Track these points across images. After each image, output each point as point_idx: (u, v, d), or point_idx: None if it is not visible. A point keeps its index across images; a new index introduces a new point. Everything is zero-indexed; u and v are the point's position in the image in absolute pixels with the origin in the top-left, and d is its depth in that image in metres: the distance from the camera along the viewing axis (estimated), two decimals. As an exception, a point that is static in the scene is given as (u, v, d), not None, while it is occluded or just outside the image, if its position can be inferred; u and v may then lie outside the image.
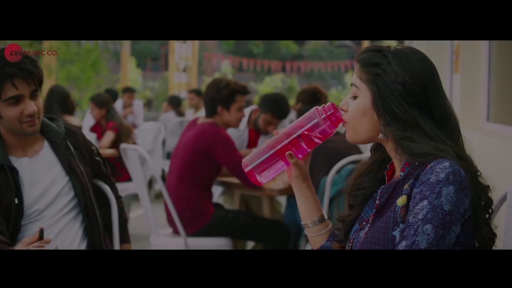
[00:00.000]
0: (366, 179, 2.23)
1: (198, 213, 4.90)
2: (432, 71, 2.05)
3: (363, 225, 2.14)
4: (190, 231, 4.87)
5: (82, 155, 3.16)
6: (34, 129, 2.95)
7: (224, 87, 4.98)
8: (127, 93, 12.70)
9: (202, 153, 4.87)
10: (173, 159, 5.12)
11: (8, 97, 2.85)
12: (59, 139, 3.08)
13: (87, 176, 3.13)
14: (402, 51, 2.06)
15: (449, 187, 1.90)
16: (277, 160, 2.22)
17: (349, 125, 2.13)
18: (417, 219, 1.91)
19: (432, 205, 1.90)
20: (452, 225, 1.91)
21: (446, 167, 1.92)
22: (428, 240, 1.88)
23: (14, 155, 3.01)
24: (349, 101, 2.13)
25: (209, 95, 5.00)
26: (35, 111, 2.90)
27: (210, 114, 5.02)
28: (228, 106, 4.99)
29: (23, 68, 2.84)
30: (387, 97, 2.01)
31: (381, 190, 2.11)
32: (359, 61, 2.10)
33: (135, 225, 7.78)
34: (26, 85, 2.87)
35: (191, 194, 4.91)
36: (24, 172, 2.99)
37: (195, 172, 4.91)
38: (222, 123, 5.01)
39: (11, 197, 2.90)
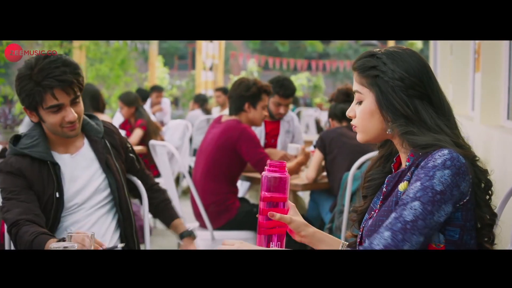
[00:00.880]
0: (376, 172, 2.40)
1: (224, 207, 5.06)
2: (424, 64, 2.24)
3: (372, 214, 2.31)
4: (216, 225, 5.04)
5: (118, 153, 3.30)
6: (75, 132, 3.11)
7: (252, 85, 5.16)
8: (155, 91, 12.91)
9: (227, 149, 5.03)
10: (198, 156, 5.28)
11: (49, 106, 2.99)
12: (98, 137, 3.23)
13: (122, 173, 3.27)
14: (393, 51, 2.25)
15: (444, 171, 2.07)
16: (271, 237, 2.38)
17: (359, 128, 2.30)
18: (408, 197, 2.10)
19: (423, 186, 2.08)
20: (443, 204, 2.07)
21: (444, 154, 2.10)
22: (414, 214, 2.06)
23: (56, 151, 3.16)
24: (355, 108, 2.30)
25: (238, 93, 5.17)
26: (75, 118, 3.05)
27: (236, 111, 5.19)
28: (255, 103, 5.16)
29: (63, 80, 2.97)
30: (388, 94, 2.20)
31: (388, 179, 2.28)
32: (357, 69, 2.28)
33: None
34: (66, 95, 3.00)
35: (217, 189, 5.07)
36: (65, 168, 3.14)
37: (221, 168, 5.07)
38: (246, 121, 5.17)
39: (52, 190, 3.06)
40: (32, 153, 3.07)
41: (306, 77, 25.12)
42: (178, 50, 37.73)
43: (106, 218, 3.21)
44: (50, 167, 3.08)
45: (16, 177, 3.06)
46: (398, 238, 2.06)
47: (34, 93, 2.97)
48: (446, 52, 11.10)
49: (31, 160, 3.08)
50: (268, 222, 2.37)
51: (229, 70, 32.32)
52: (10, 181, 3.06)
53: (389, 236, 2.07)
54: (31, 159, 3.08)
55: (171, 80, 21.81)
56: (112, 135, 3.32)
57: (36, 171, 3.07)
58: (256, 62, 25.37)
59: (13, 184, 3.05)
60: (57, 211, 3.08)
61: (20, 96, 3.05)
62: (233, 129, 5.07)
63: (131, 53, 13.97)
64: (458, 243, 2.14)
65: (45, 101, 2.99)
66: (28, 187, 3.05)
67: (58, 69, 2.97)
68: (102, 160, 3.20)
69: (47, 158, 3.09)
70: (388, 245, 2.06)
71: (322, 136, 5.25)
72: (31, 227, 2.93)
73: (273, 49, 32.05)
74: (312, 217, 5.53)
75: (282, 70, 27.56)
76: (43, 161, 3.08)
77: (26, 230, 2.92)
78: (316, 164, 5.18)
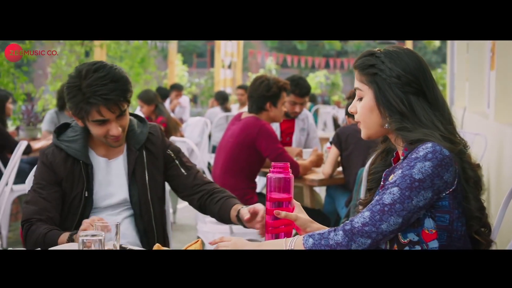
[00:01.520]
0: (378, 165, 2.56)
1: (242, 202, 5.12)
2: (421, 63, 2.40)
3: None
4: (235, 219, 5.14)
5: (154, 165, 3.25)
6: (118, 144, 3.14)
7: (273, 85, 5.29)
8: (174, 90, 13.02)
9: (246, 145, 5.15)
10: (218, 152, 5.41)
11: (94, 119, 3.03)
12: (135, 148, 3.21)
13: (153, 186, 3.22)
14: (392, 50, 2.40)
15: (425, 163, 2.25)
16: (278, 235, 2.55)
17: (362, 123, 2.46)
18: (389, 182, 2.29)
19: (403, 174, 2.26)
20: (422, 190, 2.24)
21: (427, 147, 2.27)
22: (392, 198, 2.26)
23: (95, 151, 3.20)
24: (356, 104, 2.46)
25: (259, 93, 5.29)
26: (119, 133, 3.07)
27: (258, 111, 5.31)
28: (276, 102, 5.30)
29: (109, 99, 2.97)
30: (385, 91, 2.36)
31: (385, 173, 2.45)
32: (357, 67, 2.44)
33: (182, 216, 8.06)
34: (111, 112, 3.02)
35: (236, 184, 5.17)
36: (99, 170, 3.18)
37: (240, 164, 5.19)
38: (267, 118, 5.30)
39: (81, 189, 3.11)
40: (67, 149, 3.12)
41: (324, 75, 25.16)
42: (197, 48, 37.87)
43: (129, 226, 3.25)
44: (82, 166, 3.13)
45: (47, 170, 3.12)
46: (375, 218, 2.26)
47: (80, 106, 3.01)
48: (463, 50, 11.16)
49: (66, 155, 3.14)
50: (275, 222, 2.54)
51: (248, 68, 32.40)
52: (41, 172, 3.14)
53: (368, 215, 2.27)
54: (67, 154, 3.14)
55: (190, 78, 21.93)
56: (155, 142, 3.29)
57: (68, 168, 3.11)
58: (274, 60, 25.44)
59: (41, 177, 3.13)
60: (85, 209, 3.12)
61: (68, 103, 3.07)
62: (252, 126, 5.19)
63: (151, 51, 14.13)
64: (449, 228, 2.29)
65: (91, 115, 3.02)
66: (55, 183, 3.11)
67: (105, 87, 2.96)
68: (130, 171, 3.20)
69: (80, 157, 3.13)
70: (366, 223, 2.26)
71: (338, 132, 5.36)
72: (42, 225, 3.02)
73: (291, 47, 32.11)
74: (328, 212, 5.64)
75: (300, 68, 27.62)
76: (77, 159, 3.13)
77: (38, 226, 3.02)
78: (332, 160, 5.30)
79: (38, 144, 7.12)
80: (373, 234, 2.26)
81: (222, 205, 3.19)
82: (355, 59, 2.50)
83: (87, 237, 2.27)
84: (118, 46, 12.55)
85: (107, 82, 2.98)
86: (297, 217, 2.56)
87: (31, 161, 7.04)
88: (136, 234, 3.23)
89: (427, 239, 2.29)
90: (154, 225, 3.23)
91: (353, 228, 2.27)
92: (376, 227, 2.25)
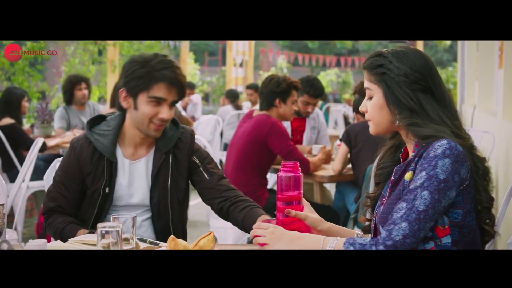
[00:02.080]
0: (386, 161, 2.65)
1: (253, 198, 5.19)
2: (427, 61, 2.49)
3: (383, 201, 2.54)
4: (246, 214, 5.24)
5: (178, 171, 3.27)
6: (157, 133, 3.16)
7: (282, 81, 5.40)
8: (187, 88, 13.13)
9: (258, 142, 5.27)
10: (230, 149, 5.52)
11: (153, 95, 3.07)
12: (162, 151, 3.23)
13: (173, 190, 3.25)
14: (399, 50, 2.50)
15: (444, 160, 2.32)
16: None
17: (372, 121, 2.56)
18: (416, 186, 2.34)
19: (428, 175, 2.33)
20: (447, 191, 2.32)
21: (443, 144, 2.34)
22: (425, 203, 2.31)
23: (123, 150, 3.23)
24: (366, 103, 2.56)
25: (269, 89, 5.41)
26: (169, 118, 3.11)
27: (267, 107, 5.43)
28: (285, 99, 5.40)
29: (178, 79, 3.08)
30: (394, 89, 2.45)
31: (396, 168, 2.53)
32: (366, 68, 2.54)
33: (195, 212, 8.15)
34: (172, 94, 3.09)
35: (247, 180, 5.30)
36: (122, 171, 3.22)
37: (251, 160, 5.31)
38: (277, 115, 5.40)
39: (102, 184, 3.16)
40: (96, 143, 3.18)
41: (335, 73, 25.21)
42: (208, 47, 37.96)
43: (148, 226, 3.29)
44: (106, 163, 3.17)
45: (73, 163, 3.18)
46: (414, 228, 2.30)
47: (145, 77, 3.06)
48: (473, 49, 11.22)
49: (94, 149, 3.18)
50: (285, 219, 2.65)
51: (259, 66, 32.47)
52: (67, 163, 3.21)
53: (406, 226, 2.31)
54: (94, 148, 3.18)
55: (201, 77, 22.03)
56: (183, 147, 3.30)
57: (94, 162, 3.16)
58: (285, 59, 25.50)
59: (66, 169, 3.20)
60: (104, 204, 3.18)
61: (126, 78, 3.09)
62: (263, 123, 5.31)
63: (163, 50, 14.22)
64: (461, 224, 2.37)
65: (152, 90, 3.07)
66: (78, 177, 3.17)
67: (178, 69, 3.11)
68: (153, 174, 3.22)
69: (106, 154, 3.17)
70: (406, 235, 2.30)
71: (348, 130, 5.45)
72: (59, 217, 3.14)
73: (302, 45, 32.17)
74: (338, 208, 5.73)
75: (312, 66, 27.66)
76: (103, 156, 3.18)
77: (55, 218, 3.14)
78: (342, 157, 5.39)
79: (53, 142, 7.22)
80: (413, 245, 2.32)
81: (247, 213, 3.15)
82: (364, 60, 2.60)
83: (105, 228, 2.38)
84: (130, 45, 12.64)
85: (178, 69, 3.11)
86: (307, 216, 2.66)
87: (46, 158, 7.15)
88: (154, 235, 3.26)
89: (440, 234, 2.37)
90: (171, 226, 3.26)
91: (395, 243, 2.30)
92: (416, 237, 2.31)
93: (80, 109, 7.96)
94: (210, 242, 2.59)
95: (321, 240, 2.46)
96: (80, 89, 7.85)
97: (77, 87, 7.86)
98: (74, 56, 11.97)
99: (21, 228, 6.13)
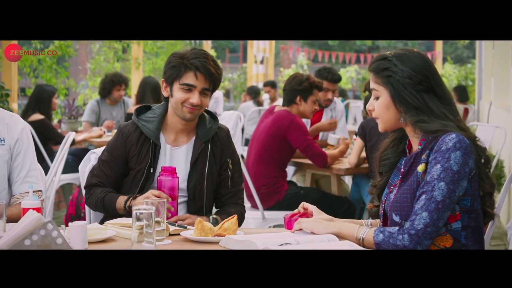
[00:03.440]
0: (390, 152, 2.88)
1: (273, 189, 5.53)
2: (428, 62, 2.71)
3: (392, 189, 2.78)
4: (266, 205, 5.51)
5: (215, 159, 3.54)
6: (192, 116, 3.41)
7: (305, 80, 5.64)
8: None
9: (278, 137, 5.51)
10: (251, 142, 5.78)
11: (184, 82, 3.37)
12: (202, 139, 3.50)
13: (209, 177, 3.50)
14: (402, 53, 2.72)
15: (456, 152, 2.56)
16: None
17: (379, 119, 2.78)
18: (433, 178, 2.58)
19: (443, 167, 2.56)
20: (460, 181, 2.57)
21: (453, 138, 2.58)
22: (442, 194, 2.55)
23: (166, 137, 3.52)
24: (373, 103, 2.78)
25: (291, 86, 5.65)
26: (198, 103, 3.36)
27: (288, 103, 5.66)
28: (306, 97, 5.64)
29: (206, 67, 3.35)
30: (400, 90, 2.67)
31: (404, 161, 2.77)
32: (372, 71, 2.76)
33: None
34: (201, 81, 3.37)
35: (267, 173, 5.55)
36: (164, 155, 3.48)
37: (272, 154, 5.55)
38: (297, 112, 5.64)
39: (146, 165, 3.42)
40: (142, 128, 3.45)
41: (355, 70, 25.24)
42: (230, 44, 38.04)
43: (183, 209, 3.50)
44: (151, 145, 3.44)
45: (120, 145, 3.47)
46: (434, 217, 2.56)
47: (179, 66, 3.37)
48: (489, 47, 11.35)
49: (140, 133, 3.46)
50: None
51: (280, 63, 32.55)
52: (113, 145, 3.51)
53: (427, 216, 2.56)
54: (141, 132, 3.46)
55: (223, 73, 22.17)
56: (219, 142, 3.56)
57: (140, 145, 3.43)
58: (305, 56, 25.59)
59: (110, 150, 3.50)
60: (146, 183, 3.44)
61: (165, 68, 3.45)
62: (283, 118, 5.54)
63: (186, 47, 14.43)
64: (470, 210, 2.63)
65: (183, 78, 3.37)
66: (122, 159, 3.45)
67: (207, 60, 3.37)
68: (192, 160, 3.49)
69: (152, 137, 3.44)
70: (427, 224, 2.55)
71: (363, 125, 5.65)
72: (101, 187, 3.46)
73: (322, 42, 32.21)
74: (354, 199, 5.95)
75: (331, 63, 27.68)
76: (148, 138, 3.46)
77: (96, 189, 3.46)
78: (357, 151, 5.59)
79: (81, 136, 7.45)
80: (433, 234, 2.56)
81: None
82: (370, 62, 2.81)
83: (139, 210, 2.61)
84: (154, 42, 12.88)
85: (210, 59, 3.39)
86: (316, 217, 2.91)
87: (74, 152, 7.39)
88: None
89: (451, 220, 2.63)
90: (204, 211, 3.51)
91: (418, 232, 2.55)
92: (436, 226, 2.55)
93: (112, 104, 8.31)
94: (233, 224, 2.86)
95: (356, 228, 2.71)
96: (118, 90, 8.25)
97: (116, 87, 8.24)
98: (99, 53, 12.23)
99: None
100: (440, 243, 2.64)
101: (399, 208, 2.68)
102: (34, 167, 3.41)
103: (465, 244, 2.64)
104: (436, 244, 2.64)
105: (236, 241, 2.65)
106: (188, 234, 2.86)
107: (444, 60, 23.68)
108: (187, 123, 3.48)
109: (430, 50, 25.26)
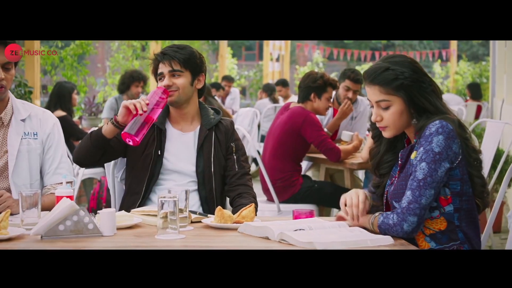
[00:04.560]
0: (389, 155, 3.00)
1: (289, 183, 5.71)
2: (416, 64, 2.86)
3: (393, 181, 2.94)
4: (282, 198, 5.67)
5: (221, 145, 3.75)
6: (172, 98, 3.62)
7: (319, 78, 5.81)
8: (225, 81, 13.66)
9: (293, 132, 5.67)
10: (267, 138, 5.95)
11: (157, 74, 3.65)
12: (205, 128, 3.72)
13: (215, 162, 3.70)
14: (397, 60, 2.86)
15: (438, 136, 2.73)
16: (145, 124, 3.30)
17: (391, 128, 2.87)
18: (416, 160, 2.75)
19: (425, 149, 2.74)
20: (442, 162, 2.72)
21: (436, 124, 2.75)
22: (423, 172, 2.72)
23: (172, 123, 3.75)
24: (381, 113, 2.86)
25: (306, 83, 5.82)
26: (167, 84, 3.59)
27: (303, 100, 5.83)
28: (320, 94, 5.80)
29: (165, 54, 3.61)
30: (413, 95, 2.81)
31: (401, 153, 2.91)
32: (379, 84, 2.85)
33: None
34: (168, 64, 3.60)
35: (283, 167, 5.72)
36: (172, 139, 3.70)
37: (287, 149, 5.71)
38: (311, 109, 5.80)
39: (153, 148, 3.63)
40: None
41: (370, 68, 25.22)
42: (246, 42, 38.15)
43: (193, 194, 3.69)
44: (155, 131, 3.65)
45: None
46: (416, 194, 2.72)
47: (153, 64, 3.70)
48: (502, 45, 11.44)
49: None
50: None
51: (295, 61, 32.58)
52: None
53: (410, 194, 2.74)
54: None
55: (239, 71, 22.32)
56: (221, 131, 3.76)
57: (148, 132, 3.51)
58: (321, 53, 25.66)
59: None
60: (155, 166, 3.66)
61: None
62: (298, 115, 5.71)
63: (203, 45, 14.61)
64: (460, 193, 2.79)
65: (154, 71, 3.68)
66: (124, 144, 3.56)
67: (171, 49, 3.63)
68: (198, 145, 3.70)
69: (156, 122, 3.60)
70: (410, 201, 2.72)
71: (375, 121, 5.80)
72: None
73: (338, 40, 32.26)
74: (367, 193, 6.11)
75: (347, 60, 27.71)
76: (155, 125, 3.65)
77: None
78: (369, 146, 5.75)
79: (101, 132, 7.65)
80: (417, 210, 2.70)
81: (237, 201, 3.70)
82: (367, 77, 2.89)
83: (164, 198, 2.79)
84: (171, 41, 13.08)
85: (176, 48, 3.65)
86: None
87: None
88: (199, 202, 3.70)
89: (443, 204, 2.79)
90: (214, 194, 3.70)
91: (402, 208, 2.71)
92: (418, 203, 2.69)
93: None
94: (251, 212, 3.06)
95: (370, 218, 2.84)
96: (137, 86, 8.44)
97: (135, 83, 8.44)
98: (118, 52, 12.45)
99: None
100: (435, 226, 2.79)
101: (397, 195, 2.83)
102: (65, 160, 3.61)
103: (459, 225, 2.79)
104: (431, 227, 2.80)
105: (254, 227, 2.84)
106: (208, 222, 3.06)
107: (458, 58, 23.69)
108: (181, 110, 3.72)
109: (445, 47, 25.22)
